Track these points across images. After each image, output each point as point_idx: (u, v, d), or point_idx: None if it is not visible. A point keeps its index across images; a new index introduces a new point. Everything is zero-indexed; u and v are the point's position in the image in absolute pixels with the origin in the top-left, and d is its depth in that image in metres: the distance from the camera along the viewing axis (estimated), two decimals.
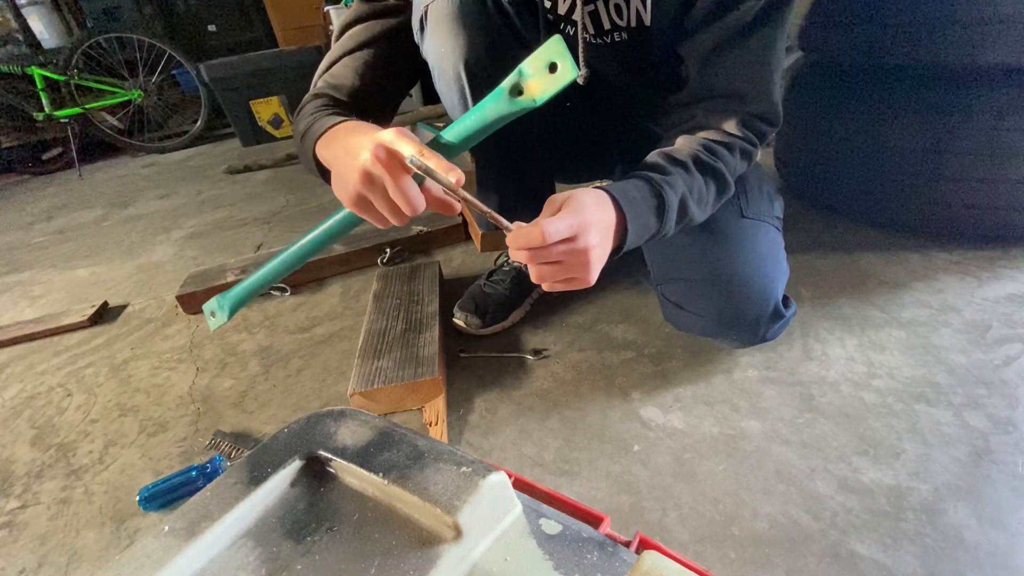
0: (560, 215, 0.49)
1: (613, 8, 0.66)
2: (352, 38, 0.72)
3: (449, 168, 0.45)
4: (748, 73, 0.63)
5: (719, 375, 0.81)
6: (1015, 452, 0.64)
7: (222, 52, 3.47)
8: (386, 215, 0.52)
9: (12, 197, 2.66)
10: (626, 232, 0.55)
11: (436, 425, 0.77)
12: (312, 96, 0.70)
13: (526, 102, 0.44)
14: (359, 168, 0.49)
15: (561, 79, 0.41)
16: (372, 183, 0.49)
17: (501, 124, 0.48)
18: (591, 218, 0.51)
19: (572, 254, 0.50)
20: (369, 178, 0.49)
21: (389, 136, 0.47)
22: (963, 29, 0.89)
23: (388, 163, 0.47)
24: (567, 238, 0.49)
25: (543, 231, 0.47)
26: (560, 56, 0.41)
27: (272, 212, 1.81)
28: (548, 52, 0.41)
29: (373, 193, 0.50)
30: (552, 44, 0.41)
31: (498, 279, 1.01)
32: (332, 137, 0.58)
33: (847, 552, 0.56)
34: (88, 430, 0.90)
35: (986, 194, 0.95)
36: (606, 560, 0.38)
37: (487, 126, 0.48)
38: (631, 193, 0.56)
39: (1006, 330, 0.82)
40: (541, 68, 0.42)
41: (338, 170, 0.54)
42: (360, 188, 0.50)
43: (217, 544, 0.39)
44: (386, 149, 0.47)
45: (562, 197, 0.52)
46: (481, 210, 0.48)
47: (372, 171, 0.48)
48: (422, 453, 0.42)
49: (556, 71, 0.41)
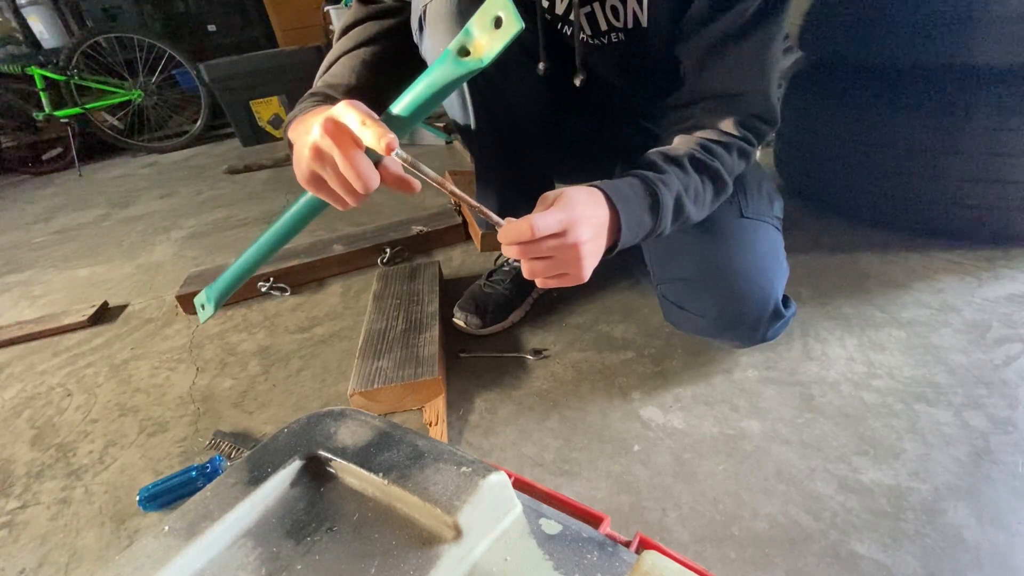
0: (550, 210, 0.49)
1: (609, 9, 0.66)
2: (350, 39, 0.72)
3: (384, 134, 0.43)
4: (745, 73, 0.63)
5: (719, 375, 0.81)
6: (1015, 452, 0.64)
7: (222, 52, 3.46)
8: (339, 192, 0.50)
9: (12, 197, 2.66)
10: (620, 230, 0.55)
11: (436, 425, 0.77)
12: (308, 95, 0.70)
13: (473, 63, 0.42)
14: (310, 143, 0.48)
15: (507, 33, 0.39)
16: (323, 159, 0.48)
17: (451, 90, 0.46)
18: (582, 213, 0.51)
19: (562, 249, 0.50)
20: (319, 153, 0.48)
21: (338, 109, 0.46)
22: (963, 29, 0.89)
23: (335, 135, 0.46)
24: (557, 233, 0.49)
25: (532, 225, 0.47)
26: (504, 8, 0.39)
27: (272, 212, 1.81)
28: (492, 6, 0.39)
29: (324, 169, 0.49)
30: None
31: (498, 279, 1.01)
32: (300, 121, 0.57)
33: (847, 552, 0.56)
34: (88, 430, 0.90)
35: (986, 194, 0.95)
36: (606, 560, 0.38)
37: (437, 93, 0.46)
38: (624, 191, 0.56)
39: (1006, 330, 0.82)
40: (487, 25, 0.40)
41: (296, 151, 0.53)
42: (312, 164, 0.49)
43: (217, 544, 0.39)
44: (335, 122, 0.46)
45: (554, 194, 0.52)
46: (471, 204, 0.48)
47: (321, 145, 0.47)
48: (422, 453, 0.42)
49: (501, 26, 0.39)
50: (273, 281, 1.23)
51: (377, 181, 0.48)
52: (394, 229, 1.35)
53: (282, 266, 1.24)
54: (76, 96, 2.78)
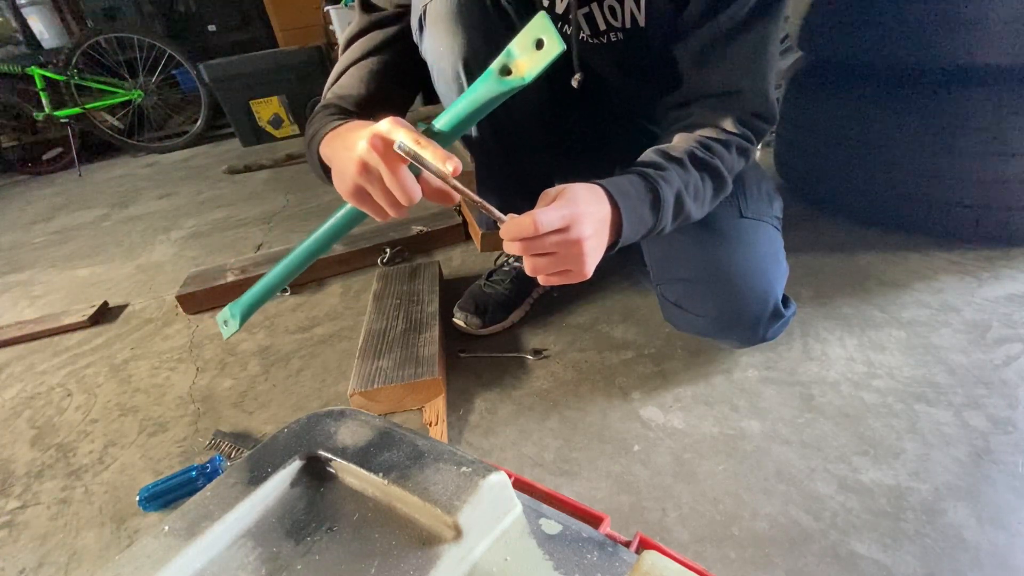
0: (552, 205, 0.49)
1: (608, 9, 0.66)
2: (356, 50, 0.73)
3: (446, 157, 0.45)
4: (743, 71, 0.63)
5: (719, 375, 0.81)
6: (1015, 452, 0.64)
7: (222, 52, 3.46)
8: (384, 206, 0.51)
9: (12, 197, 2.66)
10: (621, 226, 0.55)
11: (436, 425, 0.77)
12: (321, 107, 0.70)
13: (515, 81, 0.44)
14: (356, 159, 0.49)
15: (548, 54, 0.42)
16: (369, 173, 0.49)
17: (492, 107, 0.48)
18: (584, 209, 0.50)
19: (565, 245, 0.50)
20: (366, 168, 0.49)
21: (385, 126, 0.47)
22: (963, 29, 0.89)
23: (384, 152, 0.47)
24: (559, 229, 0.49)
25: (535, 221, 0.47)
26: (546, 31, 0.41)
27: (272, 212, 1.81)
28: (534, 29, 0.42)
29: (371, 184, 0.50)
30: (538, 21, 0.42)
31: (498, 279, 1.01)
32: (334, 136, 0.58)
33: (847, 552, 0.56)
34: (88, 430, 0.90)
35: (986, 194, 0.95)
36: (606, 560, 0.38)
37: (478, 109, 0.48)
38: (625, 187, 0.56)
39: (1006, 330, 0.82)
40: (528, 46, 0.42)
41: (337, 165, 0.54)
42: (357, 179, 0.50)
43: (217, 544, 0.39)
44: (382, 138, 0.47)
45: (556, 190, 0.52)
46: (473, 200, 0.48)
47: (368, 160, 0.48)
48: (422, 453, 0.42)
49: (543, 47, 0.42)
50: None
51: (419, 194, 0.49)
52: (394, 229, 1.35)
53: None
54: (76, 96, 2.78)
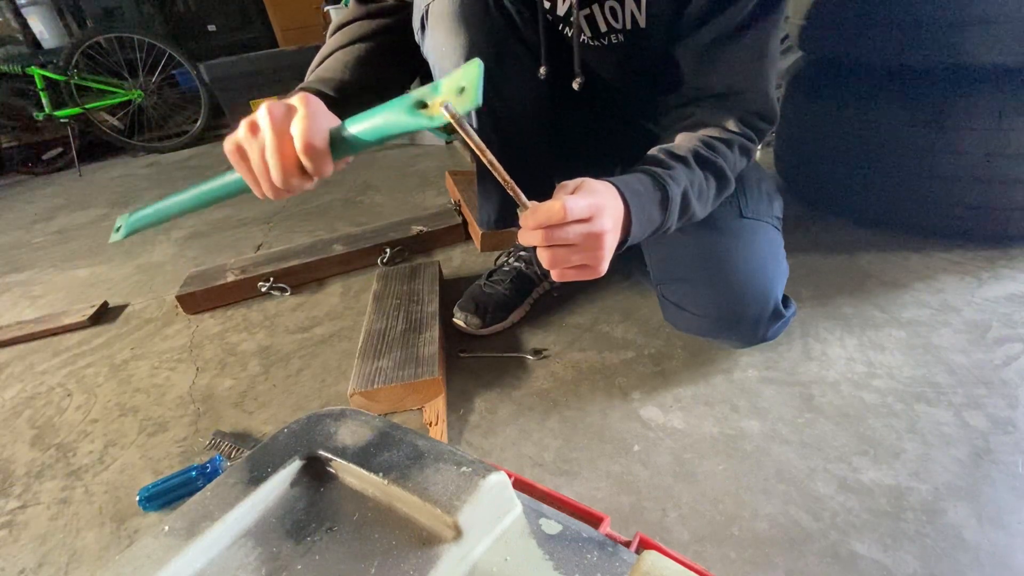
0: (579, 194, 0.48)
1: (608, 11, 0.66)
2: (344, 35, 0.72)
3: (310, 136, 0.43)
4: (743, 71, 0.63)
5: (719, 375, 0.81)
6: (1015, 452, 0.64)
7: (222, 52, 3.46)
8: (256, 174, 0.50)
9: (12, 197, 2.66)
10: (630, 225, 0.55)
11: (436, 425, 0.77)
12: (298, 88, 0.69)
13: (424, 120, 0.42)
14: (249, 118, 0.47)
15: (462, 103, 0.39)
16: (254, 135, 0.47)
17: (401, 133, 0.45)
18: (607, 202, 0.50)
19: (589, 237, 0.48)
20: (254, 128, 0.47)
21: (295, 97, 0.45)
22: (963, 29, 0.89)
23: (276, 119, 0.45)
24: (584, 218, 0.47)
25: (565, 206, 0.45)
26: (469, 82, 0.38)
27: (272, 212, 1.81)
28: (463, 75, 0.39)
29: (251, 146, 0.48)
30: (468, 68, 0.39)
31: (498, 279, 1.01)
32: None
33: (847, 552, 0.56)
34: (88, 430, 0.90)
35: (986, 194, 0.95)
36: (606, 560, 0.38)
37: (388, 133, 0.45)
38: (635, 185, 0.56)
39: (1006, 330, 0.82)
40: (453, 88, 0.40)
41: None
42: (241, 136, 0.48)
43: (217, 544, 0.39)
44: (285, 105, 0.45)
45: (575, 182, 0.50)
46: (504, 179, 0.46)
47: (258, 122, 0.46)
48: (422, 453, 0.42)
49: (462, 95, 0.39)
50: (273, 281, 1.23)
51: (298, 184, 0.47)
52: (394, 229, 1.35)
53: (282, 266, 1.24)
54: (76, 96, 2.77)
